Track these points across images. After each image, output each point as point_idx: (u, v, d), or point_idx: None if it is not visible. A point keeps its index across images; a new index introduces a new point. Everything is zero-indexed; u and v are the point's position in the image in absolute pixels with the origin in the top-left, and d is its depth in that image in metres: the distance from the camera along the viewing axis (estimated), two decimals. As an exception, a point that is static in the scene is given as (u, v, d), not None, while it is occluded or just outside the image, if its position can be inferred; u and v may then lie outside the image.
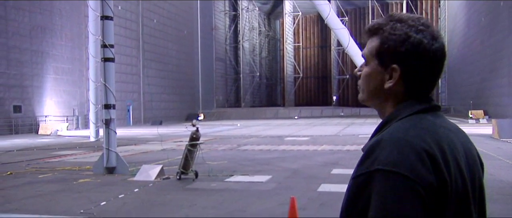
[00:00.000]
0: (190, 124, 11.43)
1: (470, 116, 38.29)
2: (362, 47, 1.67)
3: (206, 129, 30.20)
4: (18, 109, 33.34)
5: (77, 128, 37.88)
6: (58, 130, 32.70)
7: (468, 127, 30.95)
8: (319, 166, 12.95)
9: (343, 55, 68.95)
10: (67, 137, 29.13)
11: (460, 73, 54.72)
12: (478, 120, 36.91)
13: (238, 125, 41.75)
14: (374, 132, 1.32)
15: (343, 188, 1.40)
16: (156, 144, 21.65)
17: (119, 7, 40.15)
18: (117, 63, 13.52)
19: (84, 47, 36.95)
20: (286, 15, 74.61)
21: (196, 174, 10.89)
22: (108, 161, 12.19)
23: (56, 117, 36.22)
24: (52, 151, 19.40)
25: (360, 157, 1.25)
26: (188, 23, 58.13)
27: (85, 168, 13.14)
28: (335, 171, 11.79)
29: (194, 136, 11.05)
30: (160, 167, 11.44)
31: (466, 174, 1.24)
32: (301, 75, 77.00)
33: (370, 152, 1.20)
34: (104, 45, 12.71)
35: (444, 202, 1.17)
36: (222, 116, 59.08)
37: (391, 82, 1.29)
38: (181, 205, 8.25)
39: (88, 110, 31.49)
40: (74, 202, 8.66)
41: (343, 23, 48.43)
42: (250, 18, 74.94)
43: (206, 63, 62.46)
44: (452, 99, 60.36)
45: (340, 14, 61.57)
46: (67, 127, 34.92)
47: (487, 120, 36.15)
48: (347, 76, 74.76)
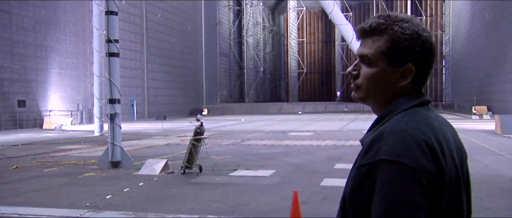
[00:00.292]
0: (195, 118, 11.51)
1: (474, 111, 38.27)
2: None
3: (210, 123, 30.28)
4: (22, 103, 33.47)
5: (81, 122, 38.04)
6: (62, 125, 32.84)
7: (471, 123, 30.94)
8: (323, 161, 13.02)
9: (347, 50, 68.88)
10: (71, 132, 29.27)
11: (464, 69, 54.52)
12: (481, 115, 36.91)
13: (242, 120, 41.84)
14: (371, 125, 1.39)
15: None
16: (160, 138, 21.74)
17: (123, 2, 40.20)
18: (121, 58, 13.59)
19: (88, 42, 37.08)
20: (290, 10, 74.51)
21: (200, 168, 10.98)
22: (113, 155, 12.27)
23: (60, 112, 36.38)
24: (57, 145, 19.53)
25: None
26: (192, 18, 58.16)
27: (90, 162, 13.24)
28: (338, 165, 11.85)
29: (199, 131, 11.12)
30: (164, 161, 11.52)
31: (457, 163, 1.32)
32: (305, 70, 76.93)
33: (374, 143, 1.26)
34: (109, 40, 12.76)
35: (441, 190, 1.25)
36: (225, 111, 59.17)
37: (405, 80, 1.35)
38: (185, 199, 8.34)
39: (93, 105, 31.61)
40: (80, 195, 8.76)
41: (347, 19, 48.25)
42: (254, 13, 74.84)
43: (210, 58, 62.48)
44: (456, 95, 60.19)
45: (344, 10, 61.42)
46: (71, 122, 35.04)
47: (490, 115, 36.15)
48: (351, 72, 74.47)
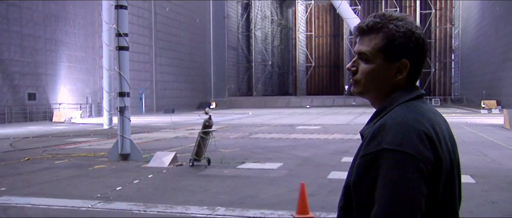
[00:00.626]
0: (203, 111, 11.62)
1: (483, 105, 38.08)
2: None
3: (218, 117, 30.42)
4: (32, 96, 33.77)
5: (90, 115, 38.33)
6: (72, 118, 33.15)
7: (480, 117, 30.84)
8: (330, 154, 13.11)
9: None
10: (81, 125, 29.53)
11: (474, 63, 54.20)
12: (490, 110, 36.72)
13: (250, 113, 41.96)
14: (371, 118, 1.50)
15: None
16: (169, 131, 21.91)
17: (132, -4, 40.32)
18: (129, 52, 13.69)
19: (98, 36, 37.30)
20: (299, 4, 74.33)
21: (209, 161, 11.10)
22: (123, 148, 12.41)
23: (69, 105, 36.68)
24: (67, 138, 19.74)
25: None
26: (200, 11, 58.17)
27: (100, 155, 13.41)
28: (345, 159, 11.92)
29: (207, 124, 11.24)
30: (173, 154, 11.66)
31: (451, 152, 1.42)
32: (313, 64, 76.84)
33: (376, 134, 1.36)
34: (118, 34, 12.88)
35: (439, 176, 1.35)
36: (233, 105, 59.29)
37: (401, 75, 1.45)
38: (194, 191, 8.47)
39: (102, 98, 31.84)
40: (91, 186, 8.92)
41: (355, 12, 48.21)
42: (263, 7, 74.69)
43: (218, 51, 62.54)
44: (465, 89, 59.91)
45: (352, 4, 61.26)
46: (81, 115, 35.36)
47: (499, 110, 35.94)
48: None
